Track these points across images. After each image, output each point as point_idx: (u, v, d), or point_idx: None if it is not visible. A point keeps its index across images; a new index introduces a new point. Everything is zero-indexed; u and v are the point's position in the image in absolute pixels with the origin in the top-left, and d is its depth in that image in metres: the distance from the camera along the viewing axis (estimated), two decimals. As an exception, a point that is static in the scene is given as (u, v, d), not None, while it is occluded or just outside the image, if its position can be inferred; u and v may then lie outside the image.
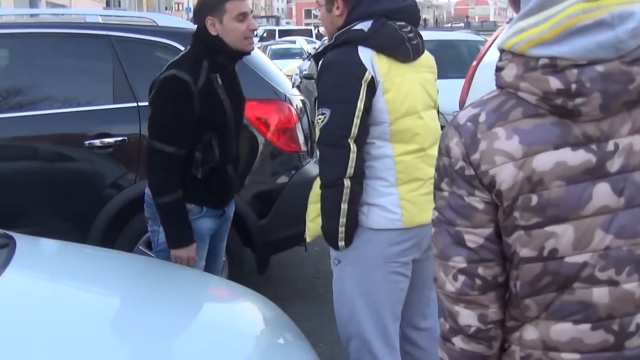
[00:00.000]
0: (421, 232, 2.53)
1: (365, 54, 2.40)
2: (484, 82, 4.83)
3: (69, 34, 4.25)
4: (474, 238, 1.29)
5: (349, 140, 2.37)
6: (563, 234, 1.23)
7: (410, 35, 2.49)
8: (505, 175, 1.24)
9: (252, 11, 2.97)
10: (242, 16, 2.81)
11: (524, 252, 1.27)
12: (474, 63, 5.10)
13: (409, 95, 2.47)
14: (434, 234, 1.35)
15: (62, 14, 5.55)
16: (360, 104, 2.36)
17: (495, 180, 1.25)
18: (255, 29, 2.90)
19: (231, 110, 2.91)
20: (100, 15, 4.46)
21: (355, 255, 2.49)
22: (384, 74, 2.41)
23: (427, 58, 2.64)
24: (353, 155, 2.37)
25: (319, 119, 2.41)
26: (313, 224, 2.59)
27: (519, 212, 1.25)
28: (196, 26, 2.91)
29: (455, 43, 10.05)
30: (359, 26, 2.43)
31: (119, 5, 41.26)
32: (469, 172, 1.27)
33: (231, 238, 3.43)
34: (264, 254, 4.20)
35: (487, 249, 1.29)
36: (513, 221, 1.26)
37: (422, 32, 2.74)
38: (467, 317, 1.33)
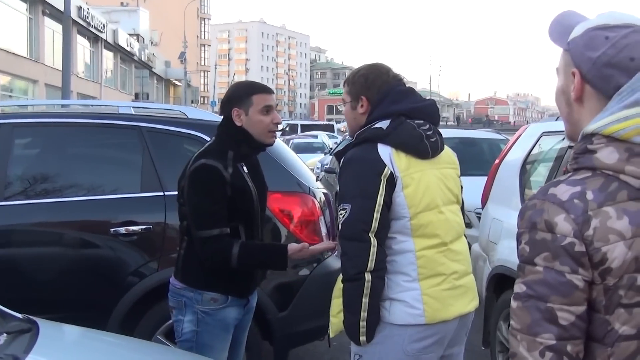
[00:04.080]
0: (445, 328, 2.52)
1: (384, 151, 2.48)
2: (506, 179, 4.87)
3: (102, 125, 4.38)
4: (567, 315, 1.29)
5: (370, 235, 2.40)
6: None
7: (429, 132, 2.57)
8: (617, 253, 1.27)
9: (277, 105, 3.06)
10: (268, 109, 2.91)
11: (624, 330, 1.30)
12: (497, 161, 5.15)
13: (429, 190, 2.52)
14: (518, 308, 1.34)
15: (93, 105, 5.70)
16: (380, 199, 2.41)
17: (607, 257, 1.28)
18: (279, 123, 2.99)
19: (257, 198, 2.96)
20: (133, 107, 4.60)
21: (377, 351, 2.47)
22: (402, 170, 2.47)
23: (448, 154, 2.71)
24: (374, 250, 2.39)
25: (341, 214, 2.46)
26: (336, 319, 2.57)
27: (623, 290, 1.28)
28: (222, 117, 3.00)
29: (477, 141, 10.15)
30: (378, 125, 2.53)
31: (147, 97, 42.49)
32: (580, 248, 1.28)
33: (250, 329, 3.39)
34: (282, 347, 4.14)
35: (577, 327, 1.30)
36: (617, 299, 1.29)
37: (445, 130, 2.83)
38: None
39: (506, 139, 9.47)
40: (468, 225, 7.69)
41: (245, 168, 2.93)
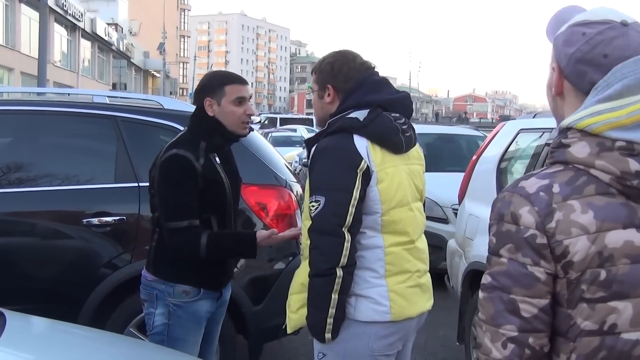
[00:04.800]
0: (408, 325, 2.50)
1: (361, 143, 2.39)
2: (483, 176, 4.87)
3: (76, 113, 4.31)
4: (529, 307, 1.30)
5: (344, 229, 2.33)
6: (624, 310, 1.27)
7: (404, 127, 2.51)
8: (579, 247, 1.27)
9: (250, 96, 3.02)
10: (240, 100, 2.87)
11: (586, 325, 1.29)
12: (474, 157, 5.15)
13: (401, 186, 2.47)
14: (483, 298, 1.36)
15: (69, 94, 5.60)
16: (356, 193, 2.34)
17: (568, 251, 1.28)
18: (252, 114, 2.94)
19: (230, 189, 2.92)
20: (108, 97, 4.53)
21: (342, 349, 2.41)
22: (378, 164, 2.40)
23: (416, 150, 2.65)
24: (347, 245, 2.32)
25: (313, 206, 2.37)
26: (296, 315, 2.51)
27: (586, 285, 1.28)
28: (195, 107, 2.96)
29: (455, 137, 10.18)
30: (353, 115, 2.45)
31: (125, 88, 42.13)
32: (541, 240, 1.29)
33: (224, 323, 3.35)
34: (257, 341, 4.11)
35: (540, 320, 1.30)
36: (580, 293, 1.29)
37: (423, 126, 2.79)
38: None
39: (484, 136, 9.51)
40: (444, 221, 7.77)
41: (217, 159, 2.89)
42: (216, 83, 2.89)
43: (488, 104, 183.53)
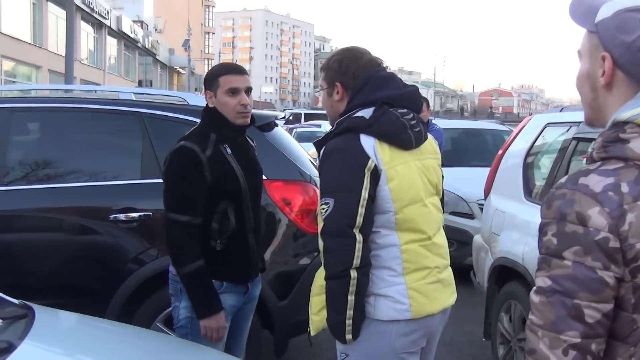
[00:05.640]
0: (430, 322, 2.47)
1: (368, 142, 2.36)
2: (509, 171, 4.83)
3: (103, 110, 4.35)
4: (593, 313, 1.24)
5: (354, 230, 2.30)
6: None
7: (413, 122, 2.46)
8: None
9: (250, 89, 2.98)
10: (233, 90, 2.88)
11: None
12: (500, 152, 5.11)
13: (413, 184, 2.43)
14: (541, 303, 1.28)
15: (96, 91, 5.66)
16: (365, 193, 2.30)
17: None
18: (246, 104, 2.92)
19: (244, 179, 2.92)
20: (134, 93, 4.56)
21: (364, 348, 2.39)
22: (386, 162, 2.36)
23: (430, 143, 2.60)
24: (359, 246, 2.29)
25: (323, 209, 2.35)
26: (317, 317, 2.50)
27: None
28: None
29: (480, 132, 10.11)
30: (360, 113, 2.41)
31: (150, 85, 42.44)
32: (614, 244, 1.22)
33: (250, 318, 3.37)
34: (282, 337, 4.12)
35: (602, 325, 1.24)
36: None
37: (448, 121, 2.75)
38: None
39: (510, 130, 9.42)
40: (470, 216, 7.72)
41: (229, 149, 2.91)
42: (212, 75, 2.96)
43: (514, 98, 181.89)
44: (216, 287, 2.86)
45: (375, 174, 2.33)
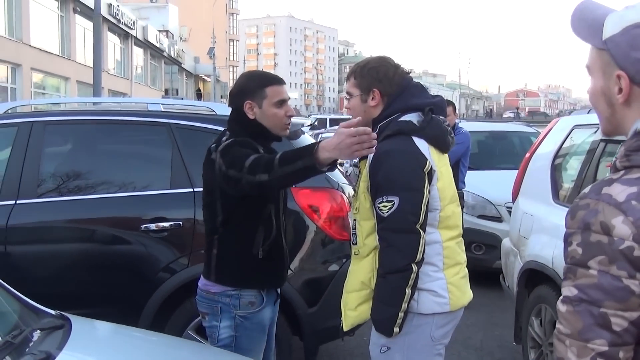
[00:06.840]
0: (460, 314, 2.68)
1: (422, 145, 2.54)
2: (537, 173, 4.81)
3: (132, 122, 4.42)
4: (620, 321, 1.24)
5: (418, 227, 2.46)
6: None
7: (449, 128, 2.70)
8: None
9: (289, 98, 3.01)
10: (282, 102, 2.85)
11: None
12: (528, 154, 5.08)
13: (451, 184, 2.66)
14: (568, 312, 1.29)
15: (124, 102, 5.75)
16: (427, 192, 2.48)
17: None
18: (292, 115, 2.92)
19: None
20: (162, 104, 4.63)
21: (405, 341, 2.54)
22: (436, 164, 2.56)
23: None
24: (423, 241, 2.47)
25: (385, 206, 2.47)
26: (355, 312, 2.63)
27: None
28: (231, 109, 2.90)
29: (507, 134, 10.03)
30: (405, 118, 2.58)
31: (177, 93, 42.76)
32: (639, 252, 1.22)
33: (280, 326, 3.39)
34: (312, 343, 4.15)
35: (630, 333, 1.25)
36: None
37: (475, 123, 2.88)
38: None
39: (537, 132, 9.35)
40: (498, 219, 7.69)
41: None
42: (256, 85, 2.82)
43: (540, 99, 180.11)
44: (258, 304, 2.82)
45: (430, 175, 2.52)
